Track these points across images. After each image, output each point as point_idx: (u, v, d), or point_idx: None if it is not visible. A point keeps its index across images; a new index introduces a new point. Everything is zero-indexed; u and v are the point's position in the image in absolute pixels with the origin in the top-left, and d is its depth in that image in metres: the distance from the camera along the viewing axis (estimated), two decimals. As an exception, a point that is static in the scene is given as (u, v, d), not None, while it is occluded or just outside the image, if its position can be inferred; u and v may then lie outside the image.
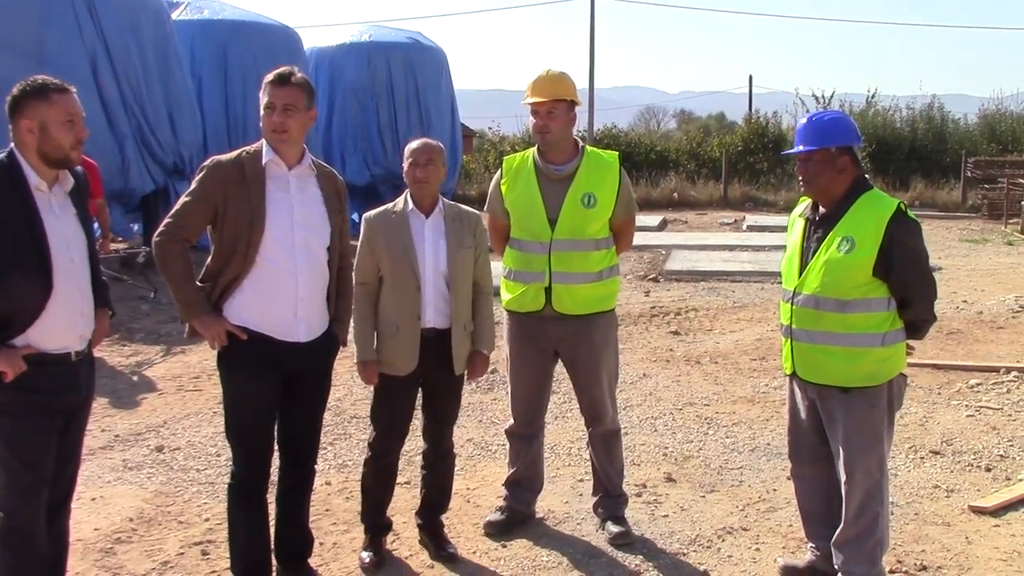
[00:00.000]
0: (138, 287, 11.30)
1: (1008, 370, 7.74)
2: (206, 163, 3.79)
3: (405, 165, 4.24)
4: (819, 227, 3.83)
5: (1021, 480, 5.38)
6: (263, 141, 3.79)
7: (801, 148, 3.81)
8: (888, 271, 3.67)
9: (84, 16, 12.20)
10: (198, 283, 3.77)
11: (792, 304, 3.86)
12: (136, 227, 14.41)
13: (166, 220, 3.76)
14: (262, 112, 3.73)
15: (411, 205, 4.25)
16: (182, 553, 4.51)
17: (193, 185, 3.77)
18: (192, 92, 14.73)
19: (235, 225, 3.69)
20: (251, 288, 3.73)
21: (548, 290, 4.44)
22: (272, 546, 4.05)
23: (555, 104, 4.42)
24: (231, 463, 3.97)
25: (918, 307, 3.78)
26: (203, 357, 8.12)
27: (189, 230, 3.75)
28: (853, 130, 3.84)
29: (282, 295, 3.75)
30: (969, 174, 23.36)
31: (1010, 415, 6.63)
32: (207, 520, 4.85)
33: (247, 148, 3.82)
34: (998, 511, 4.95)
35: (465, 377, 4.42)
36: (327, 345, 3.97)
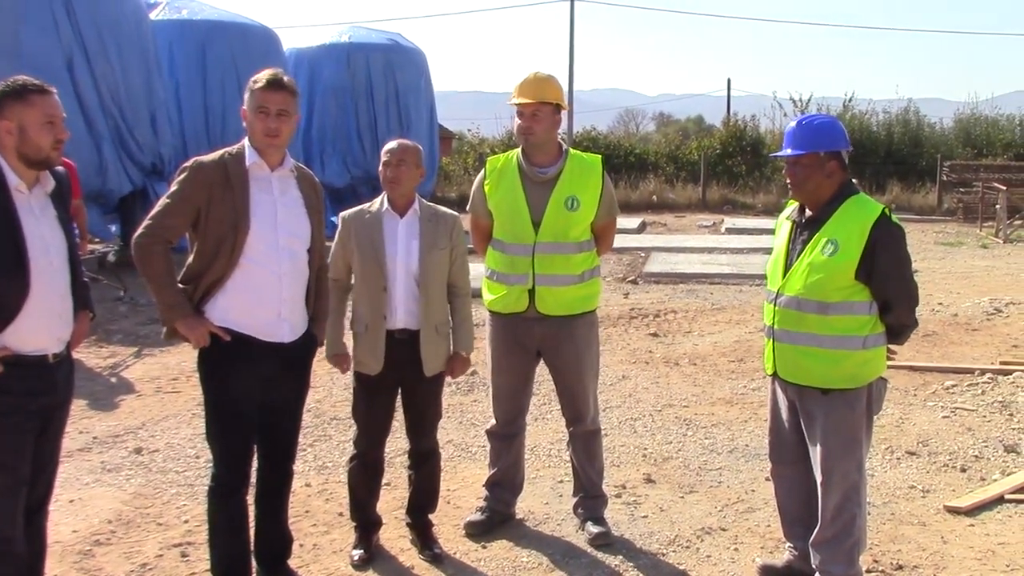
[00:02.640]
0: (109, 286, 11.24)
1: (983, 372, 7.83)
2: (188, 164, 3.77)
3: (380, 165, 4.26)
4: (805, 229, 3.86)
5: (995, 480, 5.44)
6: (244, 142, 3.79)
7: (789, 152, 3.84)
8: (871, 275, 3.70)
9: (61, 16, 12.11)
10: (179, 283, 3.76)
11: (775, 305, 3.89)
12: (114, 228, 14.33)
13: (147, 221, 3.73)
14: (251, 114, 3.72)
15: (386, 205, 4.27)
16: (161, 555, 4.49)
17: (174, 186, 3.74)
18: (170, 92, 14.65)
19: (219, 227, 3.68)
20: (235, 289, 3.72)
21: (531, 292, 4.46)
22: (251, 548, 4.04)
23: (540, 106, 4.43)
24: (210, 466, 3.96)
25: (899, 312, 3.81)
26: (181, 358, 8.09)
27: (171, 231, 3.72)
28: (842, 135, 3.87)
29: (267, 296, 3.76)
30: (945, 178, 23.58)
31: (985, 416, 6.70)
32: (186, 522, 4.84)
33: (229, 150, 3.81)
34: (973, 511, 5.01)
35: (445, 378, 4.44)
36: (307, 345, 3.98)
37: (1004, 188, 19.43)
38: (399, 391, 4.38)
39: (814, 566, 3.93)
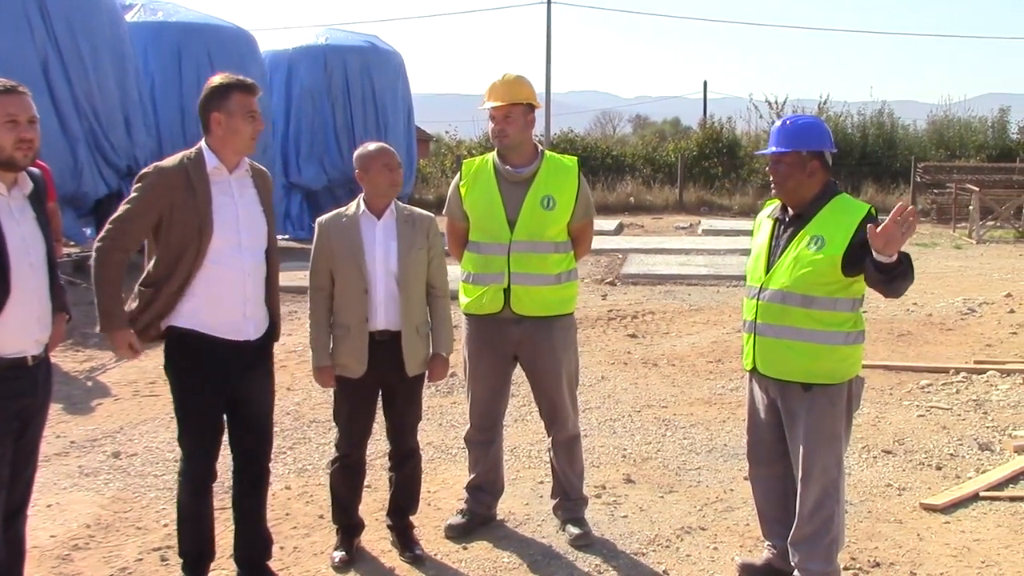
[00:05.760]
0: (89, 289, 11.16)
1: (957, 371, 7.92)
2: (147, 170, 3.80)
3: (373, 169, 4.24)
4: (789, 226, 3.90)
5: (970, 478, 5.50)
6: (201, 146, 3.83)
7: (773, 150, 3.88)
8: (860, 264, 3.65)
9: (35, 17, 12.02)
10: (141, 287, 3.82)
11: (758, 299, 3.91)
12: (89, 231, 14.20)
13: (109, 227, 3.75)
14: (236, 119, 3.77)
15: (363, 208, 4.28)
16: (140, 559, 4.47)
17: (135, 193, 3.76)
18: (146, 95, 14.56)
19: (182, 231, 3.72)
20: (202, 292, 3.77)
21: (507, 291, 4.47)
22: (214, 534, 4.10)
23: (511, 108, 4.46)
24: (181, 462, 3.99)
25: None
26: (159, 362, 7.98)
27: (132, 238, 3.77)
28: (825, 136, 3.91)
29: (233, 297, 3.82)
30: (918, 179, 23.81)
31: (959, 415, 6.77)
32: (165, 525, 4.81)
33: (187, 153, 3.84)
34: (948, 508, 5.06)
35: (425, 380, 4.45)
36: (269, 340, 4.04)
37: (977, 189, 19.65)
38: (380, 393, 4.39)
39: (793, 564, 3.96)
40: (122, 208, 3.77)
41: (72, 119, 12.48)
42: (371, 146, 4.31)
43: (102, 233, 3.75)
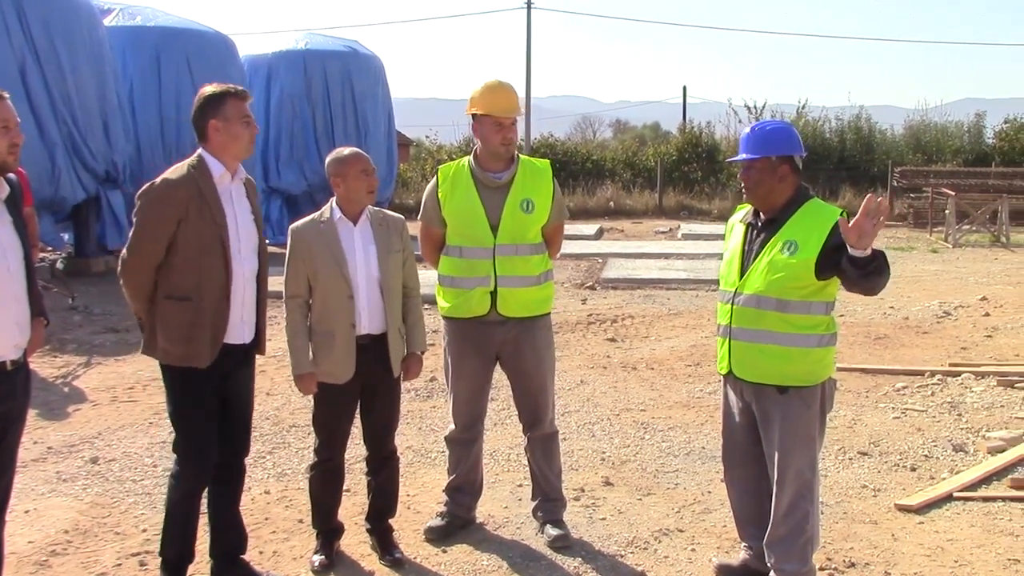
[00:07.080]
0: (60, 294, 11.11)
1: (932, 373, 7.99)
2: (155, 185, 3.82)
3: (351, 175, 4.24)
4: (762, 231, 3.93)
5: (945, 479, 5.56)
6: (202, 154, 3.86)
7: (743, 156, 3.92)
8: (835, 267, 3.68)
9: (12, 21, 11.98)
10: (166, 300, 3.84)
11: (732, 304, 3.94)
12: (66, 236, 14.15)
13: (133, 247, 3.81)
14: (234, 125, 3.82)
15: (339, 213, 4.29)
16: (119, 564, 4.46)
17: (147, 210, 3.80)
18: (125, 100, 14.51)
19: (200, 240, 3.79)
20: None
21: (493, 294, 4.52)
22: (209, 546, 4.12)
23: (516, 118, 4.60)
24: (167, 474, 4.00)
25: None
26: (137, 367, 8.03)
27: (157, 254, 3.80)
28: (794, 140, 3.94)
29: (235, 302, 3.90)
30: (896, 183, 24.01)
31: (934, 417, 6.84)
32: (144, 531, 4.81)
33: (190, 163, 3.87)
34: (922, 509, 5.11)
35: (401, 379, 4.48)
36: (257, 342, 4.11)
37: (953, 194, 19.83)
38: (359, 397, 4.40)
39: (769, 564, 4.00)
40: (139, 227, 3.81)
41: (50, 123, 12.43)
42: (345, 151, 4.32)
43: (126, 255, 3.83)
